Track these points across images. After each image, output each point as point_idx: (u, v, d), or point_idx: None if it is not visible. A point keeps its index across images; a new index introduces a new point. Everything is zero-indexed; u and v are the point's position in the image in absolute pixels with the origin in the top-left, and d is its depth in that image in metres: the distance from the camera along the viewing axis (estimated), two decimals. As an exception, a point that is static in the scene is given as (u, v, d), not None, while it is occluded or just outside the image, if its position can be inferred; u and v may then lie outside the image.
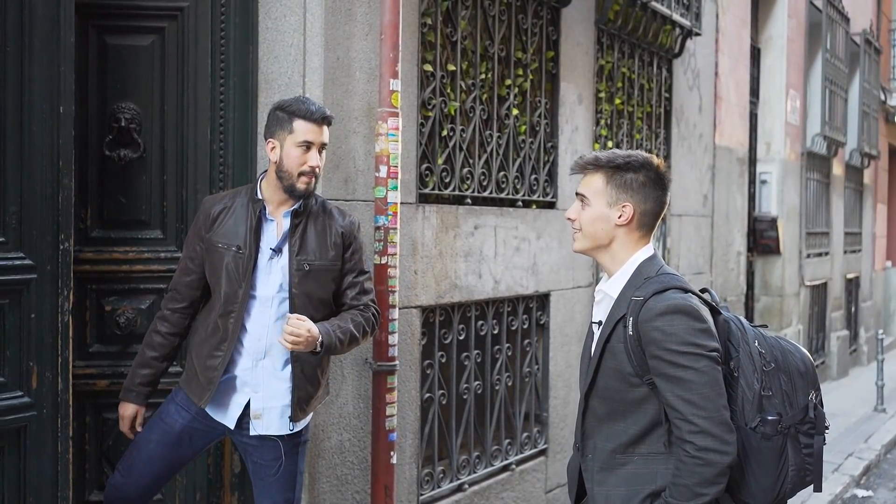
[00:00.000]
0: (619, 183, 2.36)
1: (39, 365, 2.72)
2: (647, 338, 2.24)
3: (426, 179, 3.99)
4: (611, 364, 2.33)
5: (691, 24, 6.12)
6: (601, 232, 2.38)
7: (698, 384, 2.20)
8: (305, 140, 2.78)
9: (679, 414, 2.21)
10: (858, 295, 11.78)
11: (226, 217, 2.84)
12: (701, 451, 2.18)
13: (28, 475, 2.71)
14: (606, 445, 2.36)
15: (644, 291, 2.30)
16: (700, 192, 6.73)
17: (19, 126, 2.65)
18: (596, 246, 2.40)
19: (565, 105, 4.93)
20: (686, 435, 2.20)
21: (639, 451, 2.32)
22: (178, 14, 3.32)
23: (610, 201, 2.36)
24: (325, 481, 3.48)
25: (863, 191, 12.09)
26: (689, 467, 2.20)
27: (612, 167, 2.36)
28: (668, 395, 2.23)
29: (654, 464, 2.31)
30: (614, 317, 2.34)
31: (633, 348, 2.28)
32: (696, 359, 2.21)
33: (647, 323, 2.24)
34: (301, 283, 2.82)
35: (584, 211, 2.39)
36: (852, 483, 6.27)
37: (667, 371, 2.23)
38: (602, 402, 2.36)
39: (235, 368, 2.84)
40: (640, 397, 2.30)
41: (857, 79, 10.71)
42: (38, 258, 2.70)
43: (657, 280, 2.33)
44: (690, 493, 2.20)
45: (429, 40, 3.99)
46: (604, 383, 2.35)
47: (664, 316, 2.23)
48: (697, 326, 2.24)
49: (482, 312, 4.37)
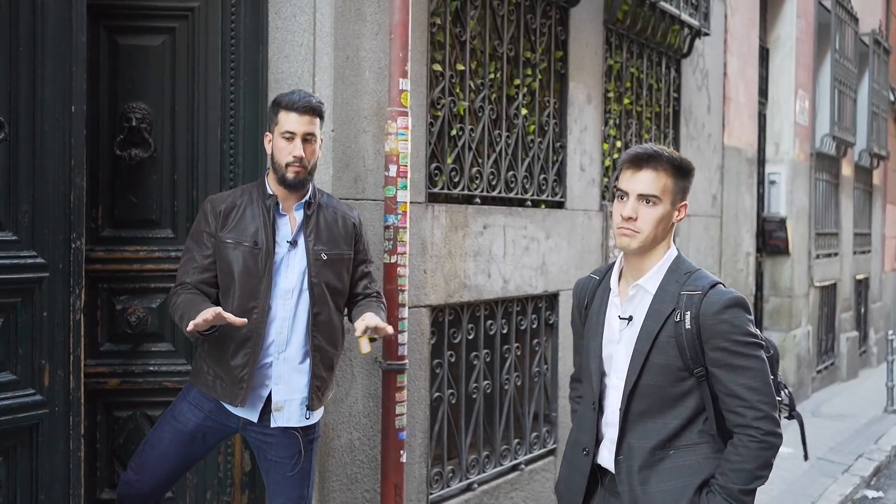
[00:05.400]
0: (682, 182, 2.38)
1: (51, 363, 2.73)
2: (712, 331, 2.28)
3: (435, 179, 3.99)
4: (659, 360, 2.33)
5: (700, 25, 6.12)
6: (662, 232, 2.37)
7: (761, 372, 2.30)
8: (288, 130, 2.82)
9: (744, 402, 2.28)
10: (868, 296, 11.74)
11: (236, 215, 2.85)
12: (767, 436, 2.27)
13: (40, 473, 2.73)
14: (645, 444, 2.36)
15: (696, 286, 2.33)
16: (709, 193, 6.72)
17: (32, 126, 2.66)
18: (648, 245, 2.37)
19: (574, 105, 4.93)
20: (752, 421, 2.27)
21: (676, 445, 2.35)
22: (188, 14, 3.33)
23: (674, 201, 2.38)
24: (335, 480, 3.49)
25: (872, 191, 12.05)
26: (753, 451, 2.27)
27: (677, 166, 2.37)
28: (732, 384, 2.29)
29: (693, 454, 2.35)
30: (660, 312, 2.34)
31: (688, 341, 2.30)
32: (757, 348, 2.31)
33: (713, 316, 2.28)
34: (320, 273, 2.86)
35: (650, 210, 2.34)
36: (862, 484, 6.25)
37: (732, 361, 2.28)
38: (641, 400, 2.36)
39: (259, 362, 2.84)
40: (684, 391, 2.34)
41: (866, 79, 10.67)
42: (51, 257, 2.72)
43: (702, 275, 2.38)
44: (752, 476, 2.28)
45: (438, 40, 4.00)
46: (647, 380, 2.34)
47: (730, 309, 2.29)
48: (751, 318, 2.34)
49: (491, 312, 4.37)
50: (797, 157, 8.68)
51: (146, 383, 3.34)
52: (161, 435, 2.91)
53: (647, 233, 2.34)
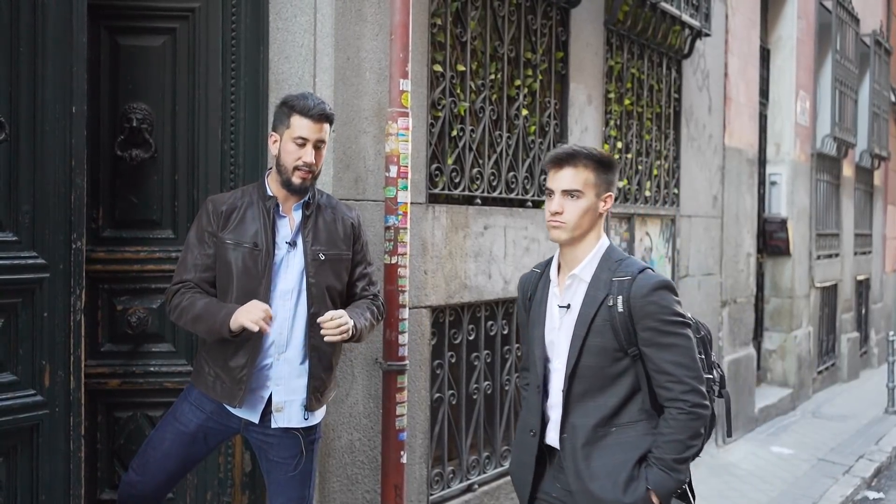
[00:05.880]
0: (604, 175, 2.56)
1: (52, 364, 2.73)
2: (641, 312, 2.47)
3: (436, 179, 3.99)
4: (596, 342, 2.51)
5: (700, 25, 6.12)
6: (588, 222, 2.56)
7: (687, 349, 2.49)
8: (301, 136, 2.81)
9: (672, 377, 2.47)
10: (869, 297, 11.73)
11: (237, 216, 2.85)
12: (693, 407, 2.46)
13: (41, 473, 2.73)
14: (587, 422, 2.53)
15: (626, 272, 2.52)
16: (710, 194, 6.72)
17: (32, 126, 2.66)
18: (578, 236, 2.56)
19: (575, 106, 4.93)
20: (679, 395, 2.47)
21: (618, 422, 2.53)
22: (189, 15, 3.34)
23: (598, 192, 2.56)
24: (336, 481, 3.49)
25: (873, 192, 12.04)
26: (682, 423, 2.46)
27: (597, 160, 2.55)
28: (660, 361, 2.48)
29: (633, 430, 2.53)
30: (595, 298, 2.53)
31: (621, 324, 2.48)
32: (684, 327, 2.51)
33: (641, 298, 2.47)
34: (317, 273, 2.86)
35: (574, 203, 2.53)
36: (863, 485, 6.24)
37: (660, 340, 2.48)
38: (581, 381, 2.54)
39: (259, 363, 2.84)
40: (620, 371, 2.52)
41: (867, 80, 10.66)
42: (51, 257, 2.72)
43: (631, 262, 2.57)
44: (683, 446, 2.47)
45: (438, 41, 4.00)
46: (586, 362, 2.52)
47: (657, 291, 2.48)
48: (678, 299, 2.54)
49: (492, 312, 4.37)
50: (798, 158, 8.67)
51: (147, 384, 3.34)
52: (162, 436, 2.91)
53: (573, 223, 2.53)
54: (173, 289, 2.87)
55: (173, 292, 2.86)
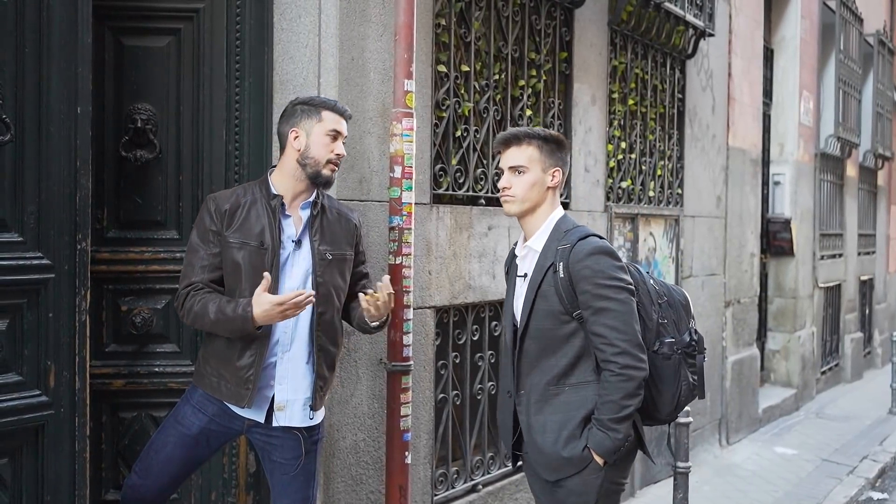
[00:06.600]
0: (549, 151, 2.77)
1: (57, 364, 2.73)
2: (578, 276, 2.63)
3: (440, 180, 3.99)
4: (543, 306, 2.69)
5: (704, 25, 6.11)
6: (536, 195, 2.76)
7: (621, 312, 2.62)
8: (334, 129, 2.89)
9: (604, 339, 2.62)
10: (872, 297, 11.72)
11: (240, 214, 2.84)
12: (624, 369, 2.60)
13: (45, 473, 2.73)
14: (540, 380, 2.73)
15: (569, 240, 2.69)
16: (713, 194, 6.71)
17: (37, 126, 2.66)
18: (529, 209, 2.76)
19: (578, 106, 4.93)
20: (610, 356, 2.61)
21: (569, 382, 2.70)
22: (193, 15, 3.34)
23: (544, 167, 2.76)
24: (340, 481, 3.49)
25: (876, 192, 12.03)
26: (613, 384, 2.60)
27: (541, 138, 2.76)
28: (595, 324, 2.63)
29: (583, 391, 2.69)
30: (543, 266, 2.71)
31: (564, 288, 2.65)
32: (619, 291, 2.64)
33: (577, 263, 2.64)
34: (325, 273, 2.88)
35: (520, 178, 2.75)
36: (867, 486, 6.23)
37: (594, 304, 2.62)
38: (534, 342, 2.73)
39: (264, 362, 2.84)
40: (569, 332, 2.68)
41: (870, 80, 10.65)
42: (56, 258, 2.72)
43: (577, 230, 2.73)
44: (617, 406, 2.60)
45: (443, 41, 4.00)
46: (536, 324, 2.71)
47: (592, 256, 2.64)
48: (617, 264, 2.67)
49: (496, 313, 4.37)
50: (801, 158, 8.66)
51: (151, 384, 3.34)
52: (165, 439, 2.90)
53: (521, 196, 2.75)
54: (183, 293, 2.84)
55: (184, 297, 2.83)
